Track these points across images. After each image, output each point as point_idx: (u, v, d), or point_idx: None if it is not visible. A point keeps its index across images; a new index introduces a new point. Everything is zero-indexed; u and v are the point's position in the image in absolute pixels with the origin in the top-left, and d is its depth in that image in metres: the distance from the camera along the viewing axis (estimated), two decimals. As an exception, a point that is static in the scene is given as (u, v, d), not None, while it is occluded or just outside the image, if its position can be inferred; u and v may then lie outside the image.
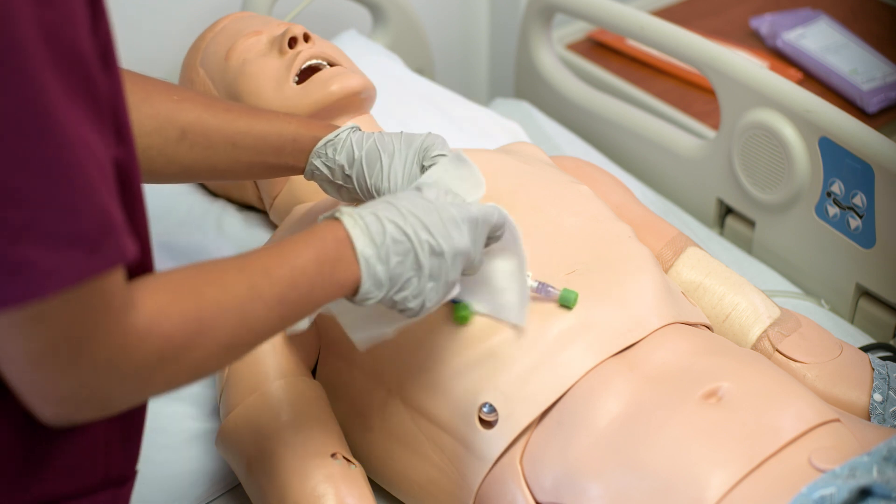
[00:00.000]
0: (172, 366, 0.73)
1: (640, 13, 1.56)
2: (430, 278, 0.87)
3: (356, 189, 1.04)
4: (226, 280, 0.77)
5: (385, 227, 0.85)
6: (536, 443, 0.97)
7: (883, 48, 1.76)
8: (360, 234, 0.84)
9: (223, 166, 1.05)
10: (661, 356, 0.99)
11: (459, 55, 2.16)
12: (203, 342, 0.74)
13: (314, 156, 1.05)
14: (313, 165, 1.05)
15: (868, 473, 0.84)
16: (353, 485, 1.00)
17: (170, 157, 1.02)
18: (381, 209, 0.86)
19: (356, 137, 1.04)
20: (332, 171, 1.04)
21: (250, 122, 1.05)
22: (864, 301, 1.37)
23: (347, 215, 0.85)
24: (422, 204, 0.88)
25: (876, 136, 1.29)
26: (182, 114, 1.02)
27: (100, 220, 0.64)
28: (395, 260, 0.85)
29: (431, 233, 0.86)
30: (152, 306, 0.70)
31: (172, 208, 1.43)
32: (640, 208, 1.26)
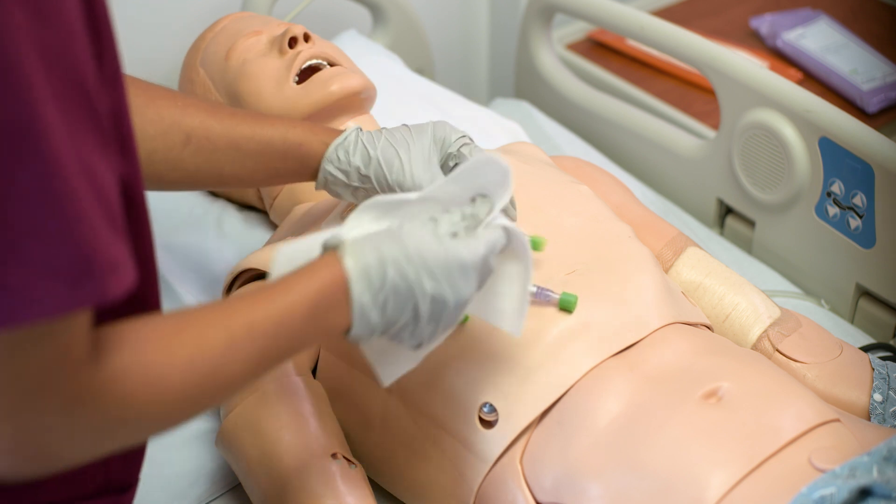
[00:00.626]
0: (131, 425, 0.69)
1: (640, 13, 1.56)
2: (428, 323, 0.82)
3: (375, 189, 1.02)
4: (204, 336, 0.72)
5: (386, 273, 0.79)
6: (536, 443, 0.97)
7: (883, 48, 1.76)
8: (359, 277, 0.78)
9: (228, 171, 1.04)
10: (661, 356, 0.99)
11: (459, 55, 2.16)
12: (167, 402, 0.70)
13: (326, 162, 1.03)
14: (327, 172, 1.03)
15: (868, 473, 0.84)
16: (353, 485, 1.00)
17: (174, 162, 1.02)
18: (387, 246, 0.80)
19: (366, 137, 1.03)
20: (347, 174, 1.03)
21: (254, 127, 1.04)
22: (864, 301, 1.37)
23: (350, 254, 0.79)
24: (431, 246, 0.81)
25: (876, 136, 1.29)
26: (186, 118, 1.02)
27: (83, 255, 0.61)
28: (393, 306, 0.80)
29: (437, 281, 0.80)
30: (118, 361, 0.67)
31: (173, 208, 1.43)
32: (640, 208, 1.26)
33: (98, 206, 0.63)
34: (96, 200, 0.63)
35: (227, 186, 1.08)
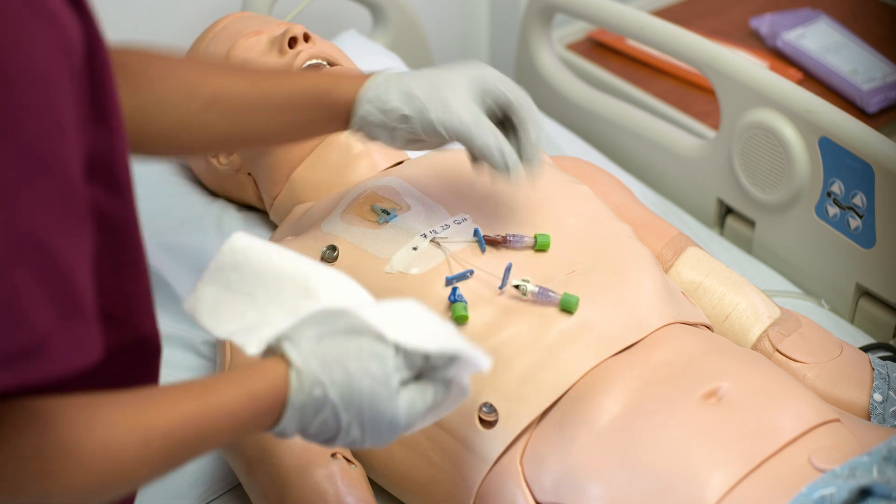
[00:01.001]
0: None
1: (640, 13, 1.56)
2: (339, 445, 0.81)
3: (418, 129, 0.99)
4: (114, 440, 0.70)
5: (324, 412, 0.77)
6: (536, 443, 0.97)
7: (883, 48, 1.76)
8: (296, 411, 0.77)
9: (255, 130, 1.02)
10: (661, 356, 0.99)
11: (459, 55, 2.16)
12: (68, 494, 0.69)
13: (363, 101, 1.00)
14: (365, 111, 1.00)
15: (868, 473, 0.84)
16: (353, 485, 1.00)
17: (200, 127, 1.00)
18: (336, 379, 0.77)
19: (405, 75, 1.00)
20: (385, 112, 0.99)
21: (279, 81, 1.01)
22: (864, 301, 1.37)
23: (299, 382, 0.76)
24: (379, 397, 0.77)
25: (876, 136, 1.29)
26: (208, 82, 0.99)
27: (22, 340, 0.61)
28: (314, 431, 0.79)
29: (364, 431, 0.79)
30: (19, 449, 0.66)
31: (172, 208, 1.43)
32: (641, 208, 1.26)
33: (41, 288, 0.61)
34: (39, 282, 0.61)
35: (257, 145, 1.05)
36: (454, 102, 0.99)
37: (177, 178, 1.48)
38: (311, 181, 1.26)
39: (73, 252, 0.63)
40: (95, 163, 0.69)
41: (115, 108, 0.70)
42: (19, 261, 0.60)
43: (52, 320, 0.62)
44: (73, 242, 0.63)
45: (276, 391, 0.76)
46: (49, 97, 0.61)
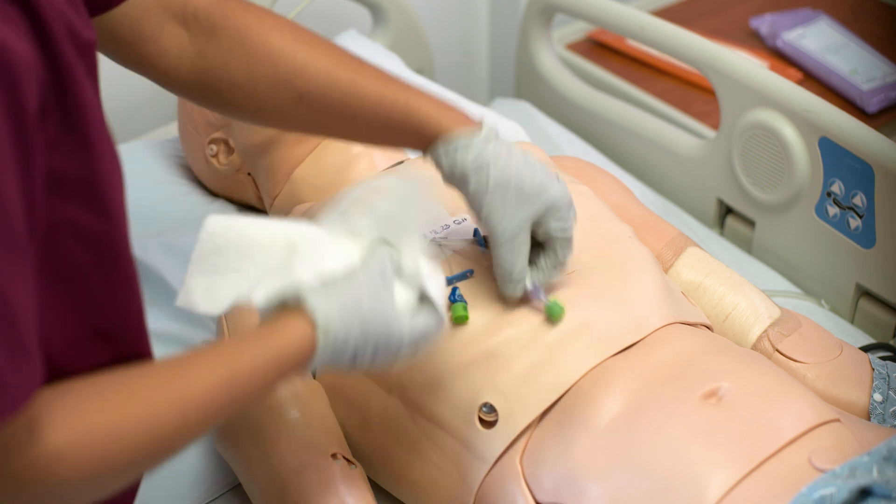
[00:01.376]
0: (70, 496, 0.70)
1: (640, 13, 1.56)
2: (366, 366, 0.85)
3: (467, 200, 0.98)
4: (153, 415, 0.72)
5: (346, 350, 0.82)
6: (536, 443, 0.97)
7: (883, 48, 1.76)
8: (323, 355, 0.81)
9: (340, 133, 1.03)
10: (661, 356, 0.99)
11: (459, 55, 2.15)
12: (109, 476, 0.71)
13: (443, 150, 0.97)
14: (437, 155, 0.97)
15: (868, 473, 0.84)
16: (353, 485, 1.00)
17: (284, 116, 0.99)
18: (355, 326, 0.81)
19: (496, 149, 0.96)
20: (452, 172, 0.97)
21: (376, 95, 0.98)
22: (864, 301, 1.37)
23: (323, 332, 0.80)
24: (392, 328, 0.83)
25: (876, 136, 1.29)
26: (303, 78, 0.97)
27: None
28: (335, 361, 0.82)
29: (378, 354, 0.84)
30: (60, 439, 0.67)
31: (172, 208, 1.43)
32: (641, 208, 1.26)
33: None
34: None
35: (338, 139, 1.07)
36: (511, 206, 0.96)
37: (177, 178, 1.49)
38: (311, 181, 1.26)
39: (14, 286, 0.63)
40: (77, 185, 0.69)
41: (99, 132, 0.70)
42: None
43: (4, 361, 0.62)
44: (14, 276, 0.63)
45: (303, 350, 0.80)
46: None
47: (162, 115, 1.72)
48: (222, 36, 0.96)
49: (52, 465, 0.67)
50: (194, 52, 0.97)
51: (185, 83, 0.98)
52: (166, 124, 1.69)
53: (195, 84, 0.98)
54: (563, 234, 0.99)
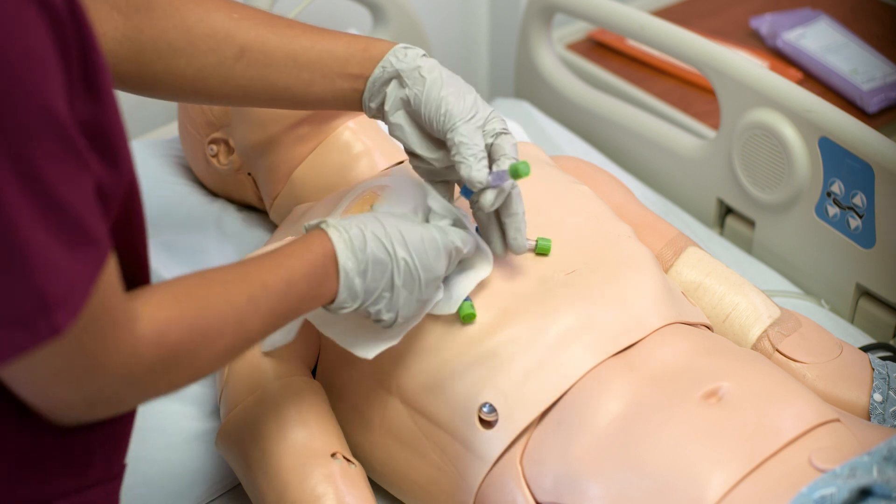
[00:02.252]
0: (178, 371, 0.77)
1: (640, 13, 1.56)
2: (402, 295, 0.92)
3: (422, 94, 0.98)
4: (228, 291, 0.81)
5: (367, 242, 0.89)
6: (537, 443, 0.97)
7: (883, 48, 1.76)
8: (344, 247, 0.88)
9: (282, 84, 1.02)
10: (661, 356, 0.99)
11: (459, 55, 2.15)
12: (205, 349, 0.78)
13: (391, 54, 1.00)
14: (387, 62, 1.00)
15: (868, 473, 0.84)
16: (353, 485, 1.00)
17: (225, 76, 1.00)
18: (369, 224, 0.90)
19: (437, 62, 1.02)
20: (408, 67, 0.99)
21: (315, 36, 1.02)
22: (865, 301, 1.37)
23: (333, 228, 0.89)
24: (408, 225, 0.92)
25: (876, 136, 1.29)
26: (241, 32, 1.00)
27: (36, 297, 0.65)
28: (372, 274, 0.89)
29: (410, 252, 0.91)
30: (159, 316, 0.74)
31: (173, 208, 1.43)
32: (641, 208, 1.26)
33: (48, 228, 0.64)
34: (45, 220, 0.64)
35: (279, 103, 1.05)
36: (466, 96, 0.99)
37: (177, 178, 1.48)
38: (311, 181, 1.26)
39: (74, 189, 0.67)
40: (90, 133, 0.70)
41: (105, 79, 0.71)
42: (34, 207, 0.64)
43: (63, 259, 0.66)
44: (75, 181, 0.67)
45: (325, 245, 0.88)
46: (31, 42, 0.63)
47: (162, 115, 1.72)
48: (155, 8, 0.98)
49: (161, 333, 0.74)
50: (130, 30, 0.98)
51: (123, 64, 0.99)
52: (166, 124, 1.69)
53: (132, 64, 0.99)
54: (504, 129, 1.00)
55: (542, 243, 1.06)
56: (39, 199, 0.64)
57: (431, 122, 0.99)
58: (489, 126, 1.00)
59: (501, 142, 0.99)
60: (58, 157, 0.65)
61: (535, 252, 1.07)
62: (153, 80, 1.01)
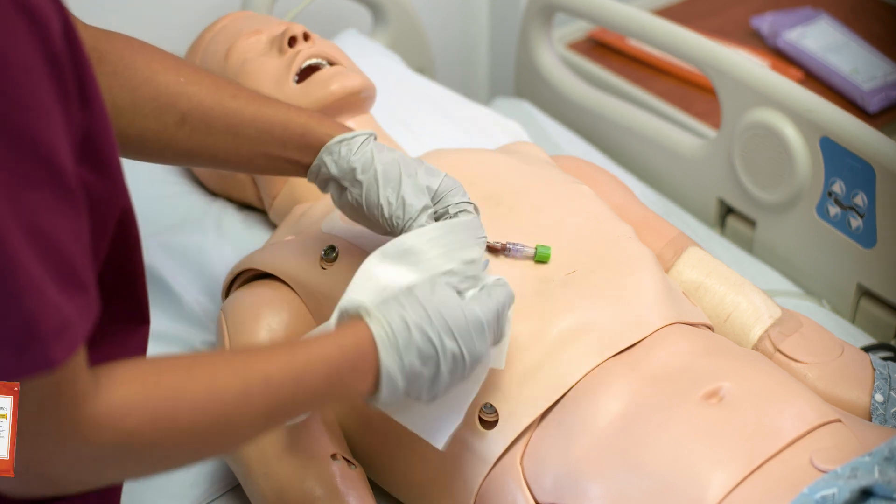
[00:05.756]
0: (131, 461, 0.70)
1: (640, 12, 1.56)
2: (446, 381, 0.84)
3: (362, 198, 0.98)
4: (215, 380, 0.73)
5: (412, 337, 0.81)
6: (537, 443, 0.97)
7: (884, 47, 1.76)
8: (388, 346, 0.80)
9: (222, 156, 1.01)
10: (661, 356, 0.99)
11: (459, 55, 2.15)
12: (171, 443, 0.71)
13: (325, 152, 0.99)
14: (322, 161, 0.99)
15: (870, 474, 0.84)
16: (353, 486, 1.00)
17: (167, 141, 0.99)
18: (410, 309, 0.82)
19: (375, 146, 0.99)
20: (342, 171, 0.99)
21: (257, 111, 1.00)
22: (866, 301, 1.37)
23: (375, 321, 0.81)
24: (451, 306, 0.83)
25: (877, 136, 1.29)
26: (184, 98, 0.98)
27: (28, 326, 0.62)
28: (417, 369, 0.82)
29: (458, 341, 0.83)
30: (118, 398, 0.68)
31: (172, 208, 1.42)
32: (641, 208, 1.26)
33: (44, 268, 0.63)
34: (42, 261, 0.63)
35: (220, 167, 1.05)
36: (406, 189, 0.97)
37: (177, 178, 1.48)
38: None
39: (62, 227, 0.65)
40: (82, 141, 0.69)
41: (96, 89, 0.70)
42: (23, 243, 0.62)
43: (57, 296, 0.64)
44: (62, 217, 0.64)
45: (358, 336, 0.80)
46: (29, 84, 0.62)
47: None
48: (106, 63, 0.96)
49: (116, 417, 0.67)
50: None
51: None
52: (166, 124, 1.69)
53: None
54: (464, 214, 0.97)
55: (542, 251, 1.05)
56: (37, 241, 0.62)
57: (379, 223, 0.98)
58: (442, 207, 0.98)
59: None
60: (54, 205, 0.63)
61: (534, 260, 1.06)
62: None
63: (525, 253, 1.05)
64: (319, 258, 1.10)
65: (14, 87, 0.61)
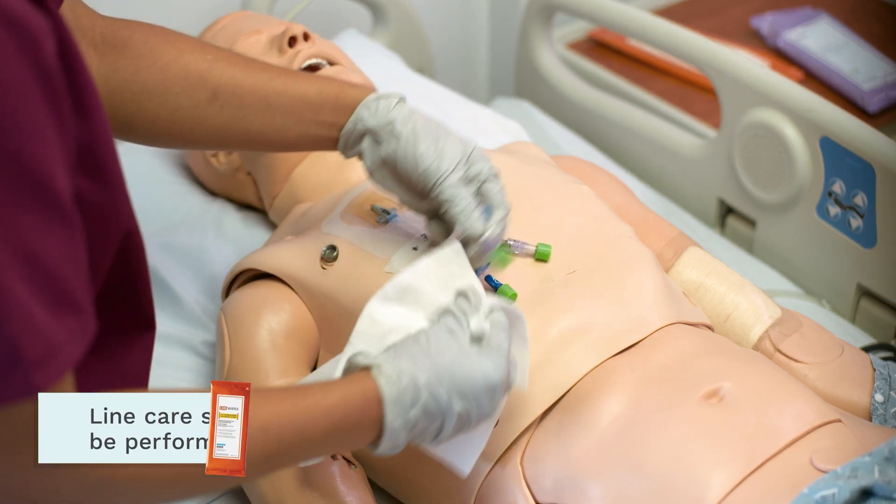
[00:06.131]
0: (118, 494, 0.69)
1: (640, 12, 1.56)
2: (450, 433, 0.83)
3: (398, 151, 0.97)
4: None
5: (421, 396, 0.79)
6: (537, 443, 0.96)
7: (884, 47, 1.76)
8: (393, 403, 0.78)
9: (255, 129, 1.00)
10: (661, 356, 0.99)
11: (459, 55, 2.15)
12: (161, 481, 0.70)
13: (363, 107, 0.98)
14: (359, 116, 0.98)
15: (870, 474, 0.84)
16: (353, 485, 1.00)
17: (198, 119, 0.98)
18: (421, 365, 0.79)
19: (410, 106, 1.00)
20: (379, 123, 0.98)
21: (288, 81, 1.00)
22: (866, 301, 1.37)
23: (385, 378, 0.79)
24: (462, 364, 0.81)
25: (877, 136, 1.29)
26: (214, 73, 0.98)
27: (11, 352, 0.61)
28: (421, 426, 0.80)
29: (467, 401, 0.81)
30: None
31: (172, 208, 1.42)
32: (641, 208, 1.26)
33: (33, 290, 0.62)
34: (31, 283, 0.62)
35: (253, 146, 1.04)
36: (443, 145, 0.97)
37: (177, 178, 1.48)
38: (310, 181, 1.25)
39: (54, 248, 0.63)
40: (79, 153, 0.69)
41: (94, 98, 0.70)
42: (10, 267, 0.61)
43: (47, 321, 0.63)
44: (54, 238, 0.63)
45: (366, 391, 0.78)
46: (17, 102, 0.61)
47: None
48: (131, 47, 0.96)
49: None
50: (105, 69, 0.96)
51: None
52: (166, 124, 1.69)
53: (106, 104, 0.95)
54: (493, 180, 0.98)
55: (542, 249, 1.05)
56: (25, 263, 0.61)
57: (411, 180, 0.98)
58: (473, 171, 0.98)
59: (488, 189, 0.98)
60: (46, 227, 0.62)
61: (534, 258, 1.05)
62: (127, 121, 0.98)
63: (526, 250, 1.05)
64: (319, 258, 1.10)
65: (2, 107, 0.60)
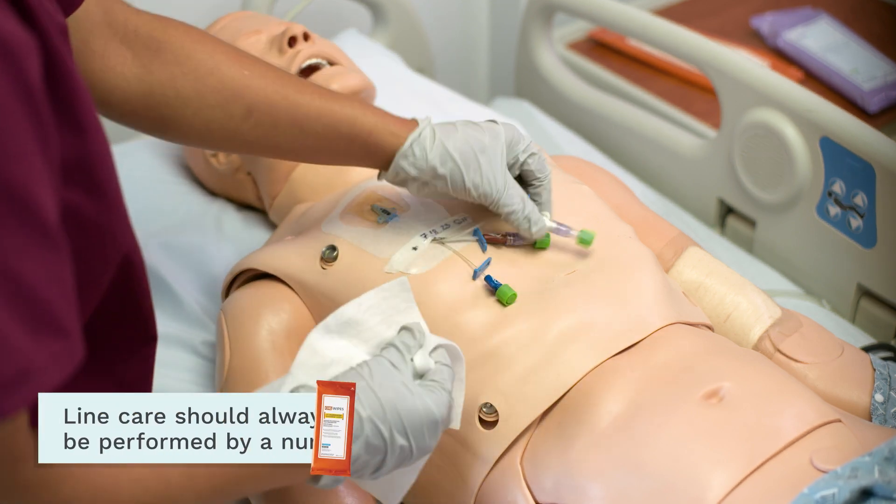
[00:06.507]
0: None
1: (640, 12, 1.56)
2: (391, 467, 0.82)
3: (448, 187, 1.02)
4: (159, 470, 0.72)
5: (364, 430, 0.78)
6: (537, 443, 0.96)
7: (884, 47, 1.76)
8: None
9: (287, 147, 1.02)
10: (661, 356, 0.99)
11: (459, 55, 2.15)
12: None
13: (400, 157, 1.01)
14: (399, 167, 1.01)
15: (870, 474, 0.84)
16: (353, 485, 1.00)
17: (232, 132, 0.99)
18: (364, 400, 0.78)
19: (442, 132, 1.01)
20: (421, 171, 1.01)
21: (322, 107, 1.00)
22: (866, 301, 1.37)
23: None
24: (406, 400, 0.80)
25: (877, 136, 1.29)
26: (251, 90, 0.98)
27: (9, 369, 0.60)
28: (363, 460, 0.80)
29: (409, 438, 0.80)
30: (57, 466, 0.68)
31: (172, 208, 1.42)
32: (641, 208, 1.26)
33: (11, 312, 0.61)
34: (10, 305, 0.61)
35: (284, 159, 1.06)
36: (486, 166, 1.01)
37: (177, 178, 1.48)
38: (310, 181, 1.25)
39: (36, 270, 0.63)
40: (72, 168, 0.68)
41: (90, 113, 0.69)
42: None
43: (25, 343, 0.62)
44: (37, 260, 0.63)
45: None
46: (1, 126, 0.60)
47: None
48: (167, 51, 0.96)
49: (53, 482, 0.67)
50: (140, 69, 0.96)
51: (130, 102, 0.96)
52: (166, 124, 1.69)
53: (140, 103, 0.96)
54: (532, 157, 1.04)
55: (584, 236, 1.06)
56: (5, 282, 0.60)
57: (468, 199, 1.03)
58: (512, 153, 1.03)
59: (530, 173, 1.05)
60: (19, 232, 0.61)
61: (576, 243, 1.06)
62: (161, 122, 0.98)
63: (570, 235, 1.06)
64: (319, 258, 1.10)
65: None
